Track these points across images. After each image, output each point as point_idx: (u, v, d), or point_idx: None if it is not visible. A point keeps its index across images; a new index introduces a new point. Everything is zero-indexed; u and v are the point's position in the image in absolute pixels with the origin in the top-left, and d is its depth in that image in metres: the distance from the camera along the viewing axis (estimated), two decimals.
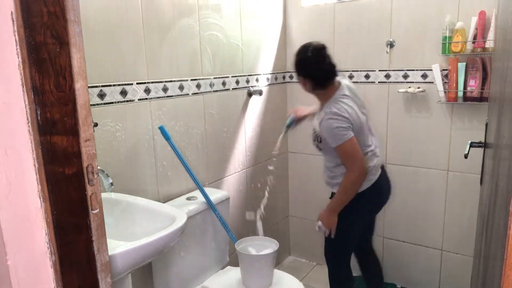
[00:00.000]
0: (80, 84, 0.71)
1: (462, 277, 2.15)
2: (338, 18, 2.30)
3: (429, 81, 2.08)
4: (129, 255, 1.05)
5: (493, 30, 1.78)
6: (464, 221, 2.11)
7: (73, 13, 0.69)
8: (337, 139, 1.61)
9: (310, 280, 2.50)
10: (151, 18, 1.59)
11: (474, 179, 2.01)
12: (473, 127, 2.00)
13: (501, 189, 0.70)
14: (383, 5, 2.14)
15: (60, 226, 0.71)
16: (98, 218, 0.77)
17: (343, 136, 1.59)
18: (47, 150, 0.69)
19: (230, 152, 2.13)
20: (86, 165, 0.74)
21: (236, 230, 2.25)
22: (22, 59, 0.65)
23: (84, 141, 0.73)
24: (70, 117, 0.71)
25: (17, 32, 0.64)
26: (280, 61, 2.48)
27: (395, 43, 2.14)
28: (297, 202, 2.71)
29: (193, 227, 1.66)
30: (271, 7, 2.35)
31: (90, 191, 0.75)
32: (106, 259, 0.80)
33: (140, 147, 1.61)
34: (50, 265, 0.72)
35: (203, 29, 1.85)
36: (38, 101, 0.67)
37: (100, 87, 1.43)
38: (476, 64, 1.88)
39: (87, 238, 0.76)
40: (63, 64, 0.69)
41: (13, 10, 0.63)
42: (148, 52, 1.59)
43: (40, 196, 0.69)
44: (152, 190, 1.68)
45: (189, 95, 1.82)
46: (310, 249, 2.70)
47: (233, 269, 1.86)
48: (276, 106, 2.48)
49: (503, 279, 0.53)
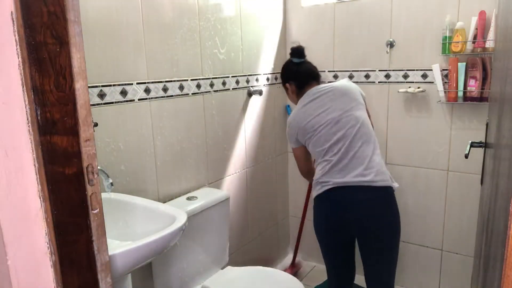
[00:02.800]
0: (80, 84, 0.71)
1: (462, 277, 2.15)
2: (338, 18, 2.30)
3: (429, 81, 2.08)
4: (129, 255, 1.05)
5: (493, 30, 1.78)
6: (464, 221, 2.11)
7: (73, 13, 0.69)
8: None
9: (310, 280, 2.50)
10: (151, 18, 1.59)
11: (474, 179, 2.01)
12: (473, 127, 2.00)
13: (501, 189, 0.70)
14: (383, 5, 2.14)
15: (60, 226, 0.71)
16: (98, 218, 0.77)
17: (290, 145, 1.82)
18: (47, 150, 0.69)
19: (230, 152, 2.13)
20: (86, 165, 0.74)
21: (236, 230, 2.25)
22: (22, 59, 0.65)
23: (84, 141, 0.73)
24: (70, 117, 0.71)
25: (17, 32, 0.64)
26: (280, 61, 2.47)
27: (395, 43, 2.14)
28: (297, 202, 2.71)
29: (193, 227, 1.66)
30: (271, 7, 2.35)
31: (90, 191, 0.75)
32: (106, 259, 0.80)
33: (140, 147, 1.61)
34: (50, 265, 0.72)
35: (203, 29, 1.85)
36: (38, 101, 0.67)
37: (100, 87, 1.43)
38: (476, 64, 1.88)
39: (87, 238, 0.76)
40: (63, 64, 0.69)
41: (13, 10, 0.63)
42: (148, 52, 1.59)
43: (40, 196, 0.69)
44: (152, 190, 1.68)
45: (189, 95, 1.82)
46: (310, 249, 2.70)
47: (233, 269, 1.86)
48: (276, 106, 2.48)
49: (503, 279, 0.53)
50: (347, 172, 1.57)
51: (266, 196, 2.50)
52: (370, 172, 1.56)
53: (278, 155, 2.57)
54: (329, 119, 1.62)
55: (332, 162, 1.59)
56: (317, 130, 1.64)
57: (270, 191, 2.54)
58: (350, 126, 1.60)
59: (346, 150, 1.58)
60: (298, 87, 1.78)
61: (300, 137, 1.72)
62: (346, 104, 1.64)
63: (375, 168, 1.57)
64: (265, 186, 2.47)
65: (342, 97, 1.66)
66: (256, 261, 2.41)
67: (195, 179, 1.91)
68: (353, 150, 1.58)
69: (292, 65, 1.81)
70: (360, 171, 1.56)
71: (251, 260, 2.38)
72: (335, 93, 1.67)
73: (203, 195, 1.79)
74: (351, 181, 1.55)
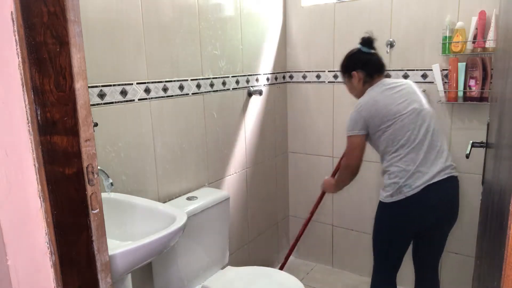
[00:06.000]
0: (80, 84, 0.71)
1: (462, 277, 2.15)
2: (338, 18, 2.30)
3: (429, 81, 2.07)
4: (129, 255, 1.05)
5: (493, 30, 1.78)
6: (464, 221, 2.10)
7: (73, 13, 0.69)
8: (347, 129, 1.70)
9: (310, 280, 2.50)
10: (151, 18, 1.59)
11: (474, 179, 2.01)
12: (473, 127, 2.00)
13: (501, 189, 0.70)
14: (383, 5, 2.14)
15: (60, 226, 0.71)
16: (98, 218, 0.77)
17: (351, 131, 1.68)
18: (47, 150, 0.68)
19: (230, 152, 2.13)
20: (86, 165, 0.74)
21: (236, 230, 2.25)
22: (22, 59, 0.65)
23: (84, 141, 0.73)
24: (70, 117, 0.71)
25: (17, 32, 0.64)
26: (280, 61, 2.48)
27: (395, 43, 2.14)
28: (297, 202, 2.71)
29: (193, 227, 1.66)
30: (271, 7, 2.35)
31: (90, 191, 0.75)
32: (106, 259, 0.80)
33: (140, 147, 1.61)
34: (50, 265, 0.72)
35: (203, 29, 1.85)
36: (38, 101, 0.67)
37: (100, 87, 1.43)
38: (476, 64, 1.88)
39: (87, 238, 0.76)
40: (63, 64, 0.69)
41: (13, 10, 0.63)
42: (148, 52, 1.59)
43: (40, 196, 0.69)
44: (152, 190, 1.68)
45: (189, 95, 1.82)
46: (310, 249, 2.70)
47: (233, 269, 1.86)
48: (276, 106, 2.48)
49: (503, 279, 0.53)
50: (433, 165, 1.58)
51: (266, 196, 2.50)
52: (450, 164, 1.62)
53: (278, 155, 2.57)
54: (411, 109, 1.59)
55: (419, 154, 1.58)
56: (399, 118, 1.58)
57: (270, 191, 2.54)
58: (430, 119, 1.62)
59: (431, 143, 1.59)
60: (369, 76, 1.70)
61: (375, 123, 1.62)
62: (421, 99, 1.65)
63: (450, 159, 1.64)
64: (265, 186, 2.47)
65: (416, 93, 1.66)
66: (256, 261, 2.41)
67: (195, 179, 1.91)
68: (436, 142, 1.61)
69: (362, 54, 1.73)
70: (442, 164, 1.60)
71: (251, 260, 2.38)
72: (411, 87, 1.67)
73: (203, 195, 1.79)
74: (438, 175, 1.57)
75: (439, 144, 1.61)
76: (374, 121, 1.61)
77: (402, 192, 1.57)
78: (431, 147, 1.58)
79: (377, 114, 1.60)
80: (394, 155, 1.61)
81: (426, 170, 1.56)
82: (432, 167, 1.57)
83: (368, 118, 1.62)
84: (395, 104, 1.60)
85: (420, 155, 1.57)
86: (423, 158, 1.57)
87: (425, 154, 1.57)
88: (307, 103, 2.52)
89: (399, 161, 1.59)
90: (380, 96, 1.63)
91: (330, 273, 2.58)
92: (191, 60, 1.81)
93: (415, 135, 1.57)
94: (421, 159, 1.56)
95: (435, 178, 1.56)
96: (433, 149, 1.59)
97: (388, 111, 1.59)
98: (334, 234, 2.59)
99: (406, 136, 1.57)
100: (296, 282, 1.74)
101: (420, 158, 1.56)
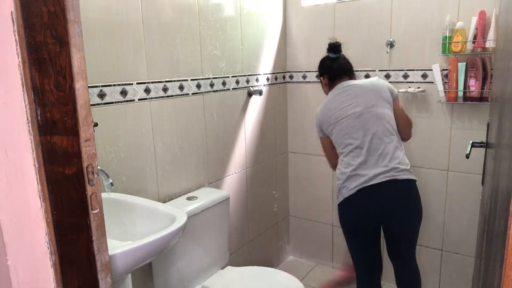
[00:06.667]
0: (80, 84, 0.71)
1: (462, 277, 2.15)
2: (338, 18, 2.30)
3: (429, 81, 2.07)
4: (129, 255, 1.05)
5: (493, 30, 1.78)
6: (464, 221, 2.11)
7: (73, 13, 0.69)
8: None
9: (310, 280, 2.50)
10: (151, 18, 1.59)
11: (474, 179, 2.01)
12: (473, 127, 2.00)
13: (501, 189, 0.70)
14: (383, 5, 2.14)
15: (60, 226, 0.71)
16: (98, 218, 0.77)
17: (317, 133, 1.84)
18: (47, 150, 0.68)
19: (230, 152, 2.13)
20: (86, 165, 0.74)
21: (236, 230, 2.25)
22: (22, 59, 0.65)
23: (84, 141, 0.73)
24: (70, 117, 0.71)
25: (17, 32, 0.64)
26: (280, 61, 2.48)
27: (395, 43, 2.14)
28: (297, 202, 2.71)
29: (193, 227, 1.66)
30: (271, 7, 2.35)
31: (90, 191, 0.75)
32: (106, 259, 0.80)
33: (140, 147, 1.61)
34: (50, 265, 0.72)
35: (203, 29, 1.85)
36: (38, 101, 0.67)
37: (100, 87, 1.43)
38: (476, 64, 1.88)
39: (87, 238, 0.76)
40: (63, 64, 0.69)
41: (13, 10, 0.63)
42: (148, 52, 1.59)
43: (40, 196, 0.69)
44: (152, 190, 1.68)
45: (189, 95, 1.82)
46: (310, 249, 2.70)
47: (233, 269, 1.86)
48: (276, 106, 2.48)
49: (503, 279, 0.53)
50: (372, 168, 1.61)
51: (266, 196, 2.50)
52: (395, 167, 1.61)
53: (278, 155, 2.57)
54: (351, 113, 1.67)
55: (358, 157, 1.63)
56: (338, 122, 1.69)
57: (270, 191, 2.54)
58: (371, 122, 1.64)
59: (370, 147, 1.62)
60: (330, 80, 1.83)
61: (324, 127, 1.77)
62: (370, 101, 1.68)
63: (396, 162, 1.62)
64: (265, 186, 2.47)
65: (368, 94, 1.70)
66: (256, 261, 2.41)
67: (195, 179, 1.91)
68: (378, 146, 1.63)
69: (327, 60, 1.86)
70: (384, 167, 1.60)
71: (251, 260, 2.38)
72: (361, 89, 1.71)
73: (203, 195, 1.79)
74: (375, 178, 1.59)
75: (382, 147, 1.62)
76: (324, 126, 1.76)
77: (342, 194, 1.66)
78: (372, 150, 1.62)
79: (325, 119, 1.74)
80: (340, 158, 1.71)
81: (364, 172, 1.61)
82: (371, 170, 1.60)
83: (321, 122, 1.77)
84: (339, 108, 1.71)
85: (360, 158, 1.62)
86: (362, 161, 1.62)
87: (365, 157, 1.62)
88: (307, 103, 2.52)
89: (341, 164, 1.70)
90: (331, 101, 1.75)
91: (330, 273, 2.57)
92: (191, 60, 1.81)
93: (354, 138, 1.64)
94: (360, 162, 1.62)
95: (372, 181, 1.59)
96: (374, 152, 1.62)
97: (331, 115, 1.71)
98: (334, 234, 2.59)
99: (344, 139, 1.67)
100: (296, 282, 1.74)
101: (359, 161, 1.62)
